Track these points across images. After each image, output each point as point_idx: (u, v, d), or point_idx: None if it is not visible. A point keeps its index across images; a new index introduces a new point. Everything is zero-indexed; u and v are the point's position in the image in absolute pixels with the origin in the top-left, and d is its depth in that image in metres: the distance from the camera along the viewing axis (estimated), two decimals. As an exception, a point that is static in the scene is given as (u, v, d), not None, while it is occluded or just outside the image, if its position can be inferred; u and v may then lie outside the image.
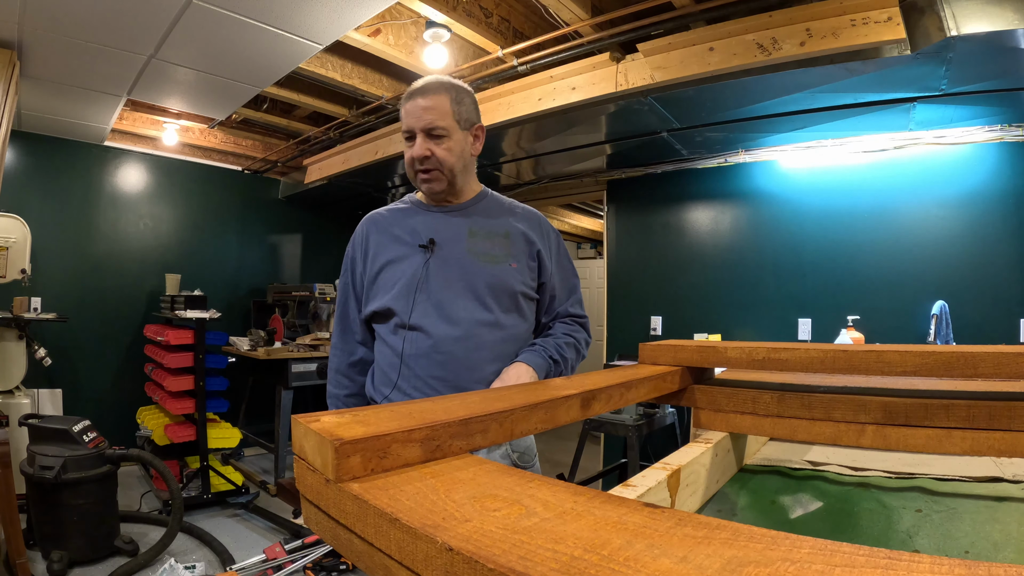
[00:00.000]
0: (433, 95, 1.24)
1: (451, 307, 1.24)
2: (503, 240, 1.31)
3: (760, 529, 0.35)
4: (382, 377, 1.28)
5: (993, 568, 0.29)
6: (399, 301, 1.25)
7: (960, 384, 0.90)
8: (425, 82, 1.26)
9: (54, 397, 3.89)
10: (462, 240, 1.28)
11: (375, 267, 1.30)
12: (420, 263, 1.26)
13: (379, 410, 0.58)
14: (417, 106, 1.24)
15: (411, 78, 3.49)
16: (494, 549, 0.32)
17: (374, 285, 1.30)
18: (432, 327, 1.23)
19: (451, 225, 1.30)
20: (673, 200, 3.95)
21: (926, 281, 2.99)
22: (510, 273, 1.28)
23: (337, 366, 1.38)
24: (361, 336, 1.36)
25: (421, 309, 1.24)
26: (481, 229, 1.31)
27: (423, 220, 1.31)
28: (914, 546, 0.74)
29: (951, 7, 1.99)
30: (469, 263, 1.27)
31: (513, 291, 1.28)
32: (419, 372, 1.23)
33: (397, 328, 1.26)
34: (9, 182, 3.58)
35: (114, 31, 2.58)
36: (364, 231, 1.35)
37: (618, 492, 0.69)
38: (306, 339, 4.35)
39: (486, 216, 1.33)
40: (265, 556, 2.61)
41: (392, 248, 1.30)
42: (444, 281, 1.25)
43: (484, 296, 1.26)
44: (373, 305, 1.29)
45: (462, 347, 1.22)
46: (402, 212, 1.35)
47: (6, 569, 2.35)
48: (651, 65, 2.59)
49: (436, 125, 1.23)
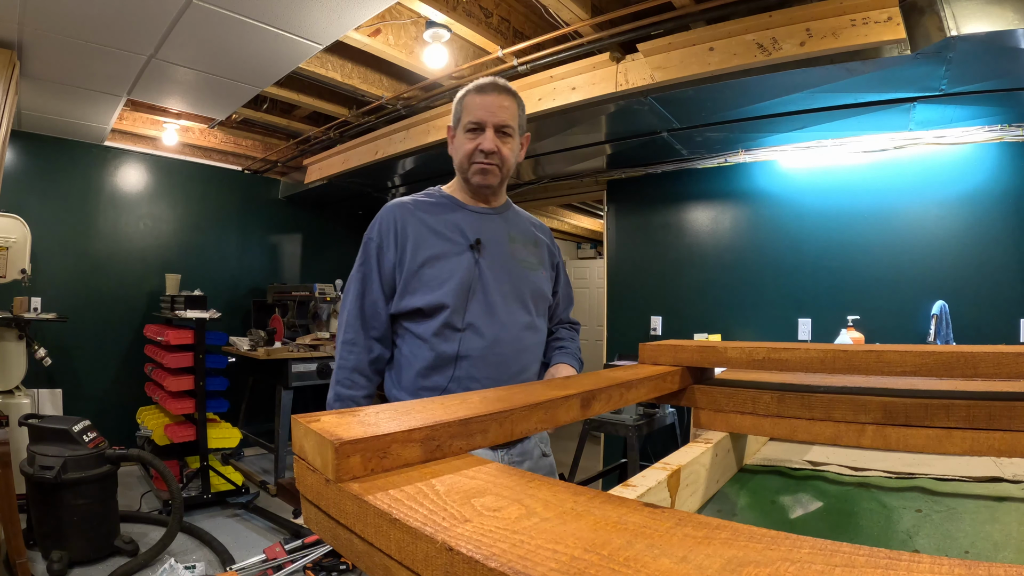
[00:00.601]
0: (507, 96, 1.28)
1: (501, 309, 1.26)
2: (535, 248, 1.37)
3: (760, 529, 0.35)
4: (420, 380, 1.24)
5: (993, 568, 0.29)
6: (453, 298, 1.22)
7: (960, 384, 0.90)
8: (497, 81, 1.29)
9: (54, 397, 3.90)
10: (504, 244, 1.31)
11: (418, 260, 1.25)
12: (470, 262, 1.25)
13: (379, 410, 0.58)
14: (492, 101, 1.26)
15: (411, 78, 3.50)
16: (494, 549, 0.32)
17: (416, 278, 1.24)
18: (486, 328, 1.23)
19: (494, 227, 1.32)
20: (673, 200, 3.95)
21: (926, 281, 2.99)
22: (543, 280, 1.36)
23: (355, 364, 1.26)
24: (382, 331, 1.28)
25: (476, 309, 1.23)
26: (518, 235, 1.35)
27: (465, 218, 1.30)
28: (914, 546, 0.74)
29: (951, 7, 1.99)
30: (514, 267, 1.30)
31: (546, 297, 1.36)
32: (474, 373, 1.22)
33: (446, 327, 1.22)
34: (9, 182, 3.58)
35: (114, 31, 2.58)
36: (396, 219, 1.28)
37: (618, 492, 0.69)
38: (306, 339, 4.35)
39: (518, 224, 1.39)
40: (265, 556, 2.61)
41: (434, 242, 1.26)
42: (495, 283, 1.27)
43: (527, 300, 1.30)
44: (416, 300, 1.24)
45: (512, 349, 1.26)
46: (437, 206, 1.31)
47: (6, 569, 2.35)
48: (651, 65, 2.59)
49: (507, 124, 1.27)
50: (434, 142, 3.56)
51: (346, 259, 5.73)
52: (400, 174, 4.45)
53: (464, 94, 1.30)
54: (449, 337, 1.22)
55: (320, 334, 4.49)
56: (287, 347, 4.15)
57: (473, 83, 1.30)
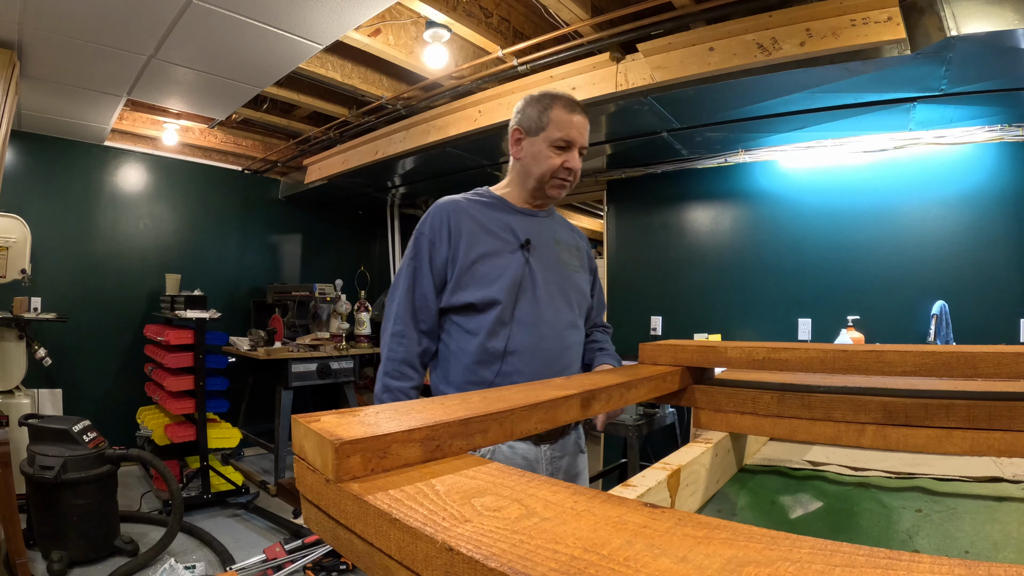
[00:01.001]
0: (584, 115, 1.34)
1: (548, 307, 1.31)
2: (577, 252, 1.44)
3: (760, 529, 0.35)
4: (466, 372, 1.27)
5: (993, 568, 0.29)
6: (505, 295, 1.26)
7: (960, 384, 0.90)
8: (576, 100, 1.35)
9: (54, 397, 3.90)
10: (551, 246, 1.37)
11: (471, 256, 1.28)
12: (522, 261, 1.30)
13: (379, 410, 0.58)
14: (580, 122, 1.32)
15: (411, 78, 3.50)
16: (494, 549, 0.32)
17: (468, 273, 1.28)
18: (534, 325, 1.28)
19: (542, 230, 1.38)
20: (673, 200, 3.95)
21: (926, 281, 2.99)
22: (585, 282, 1.43)
23: (404, 356, 1.28)
24: (431, 325, 1.31)
25: (524, 306, 1.28)
26: (563, 239, 1.42)
27: (515, 219, 1.35)
28: (914, 546, 0.74)
29: (951, 7, 1.99)
30: (561, 268, 1.37)
31: (587, 298, 1.43)
32: (520, 368, 1.26)
33: (496, 323, 1.25)
34: (9, 182, 3.57)
35: (114, 31, 2.58)
36: (450, 216, 1.31)
37: (618, 492, 0.69)
38: (306, 339, 4.35)
39: (561, 228, 1.45)
40: (265, 556, 2.61)
41: (487, 240, 1.30)
42: (544, 282, 1.32)
43: (572, 300, 1.37)
44: (469, 295, 1.27)
45: (557, 346, 1.31)
46: (489, 206, 1.36)
47: (6, 569, 2.35)
48: (651, 65, 2.59)
49: (585, 145, 1.35)
50: (434, 142, 3.56)
51: (346, 259, 5.74)
52: (400, 174, 4.45)
53: (549, 106, 1.32)
54: (498, 332, 1.26)
55: (320, 334, 4.49)
56: (287, 347, 4.15)
57: (554, 95, 1.34)
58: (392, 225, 5.77)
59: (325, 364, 4.10)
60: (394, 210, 5.74)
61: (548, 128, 1.31)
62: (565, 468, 1.35)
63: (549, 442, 1.30)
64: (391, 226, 5.77)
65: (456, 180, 4.56)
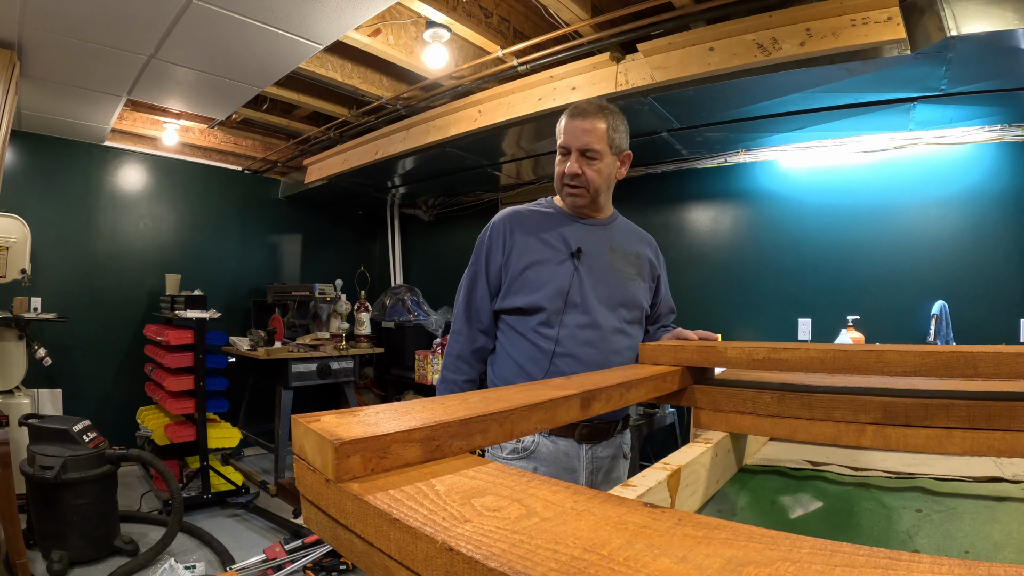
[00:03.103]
0: (593, 119, 1.34)
1: (596, 313, 1.35)
2: (635, 260, 1.46)
3: (760, 529, 0.35)
4: (517, 371, 1.36)
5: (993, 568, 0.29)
6: (551, 301, 1.33)
7: (960, 384, 0.90)
8: (588, 104, 1.37)
9: (54, 397, 3.90)
10: (605, 254, 1.41)
11: (521, 263, 1.37)
12: (571, 269, 1.36)
13: (379, 410, 0.58)
14: (576, 126, 1.34)
15: (411, 78, 3.50)
16: (494, 549, 0.32)
17: (519, 280, 1.37)
18: (580, 329, 1.34)
19: (596, 238, 1.42)
20: (673, 200, 3.95)
21: (926, 281, 2.99)
22: (639, 290, 1.45)
23: (460, 352, 1.42)
24: (486, 325, 1.42)
25: (572, 311, 1.34)
26: (619, 247, 1.44)
27: (570, 228, 1.40)
28: (914, 546, 0.74)
29: (951, 7, 1.99)
30: (611, 276, 1.40)
31: (640, 306, 1.44)
32: (565, 369, 1.31)
33: (544, 326, 1.34)
34: (9, 182, 3.57)
35: (114, 31, 2.58)
36: (506, 225, 1.40)
37: (618, 492, 0.69)
38: (306, 339, 4.34)
39: (621, 236, 1.47)
40: (265, 556, 2.61)
41: (540, 249, 1.37)
42: (592, 289, 1.36)
43: (620, 308, 1.39)
44: (517, 300, 1.36)
45: (602, 350, 1.35)
46: (545, 216, 1.43)
47: (6, 569, 2.35)
48: (651, 65, 2.59)
49: (591, 148, 1.34)
50: (434, 142, 3.56)
51: (346, 259, 5.74)
52: (400, 174, 4.45)
53: (562, 116, 1.39)
54: (546, 335, 1.34)
55: (320, 334, 4.49)
56: (287, 347, 4.15)
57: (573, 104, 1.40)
58: (392, 225, 5.77)
59: (325, 364, 4.10)
60: (394, 210, 5.74)
61: (557, 138, 1.39)
62: (606, 469, 1.39)
63: (590, 442, 1.35)
64: (391, 226, 5.77)
65: (456, 180, 4.56)
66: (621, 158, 1.42)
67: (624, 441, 1.44)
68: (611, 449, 1.39)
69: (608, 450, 1.39)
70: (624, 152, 1.42)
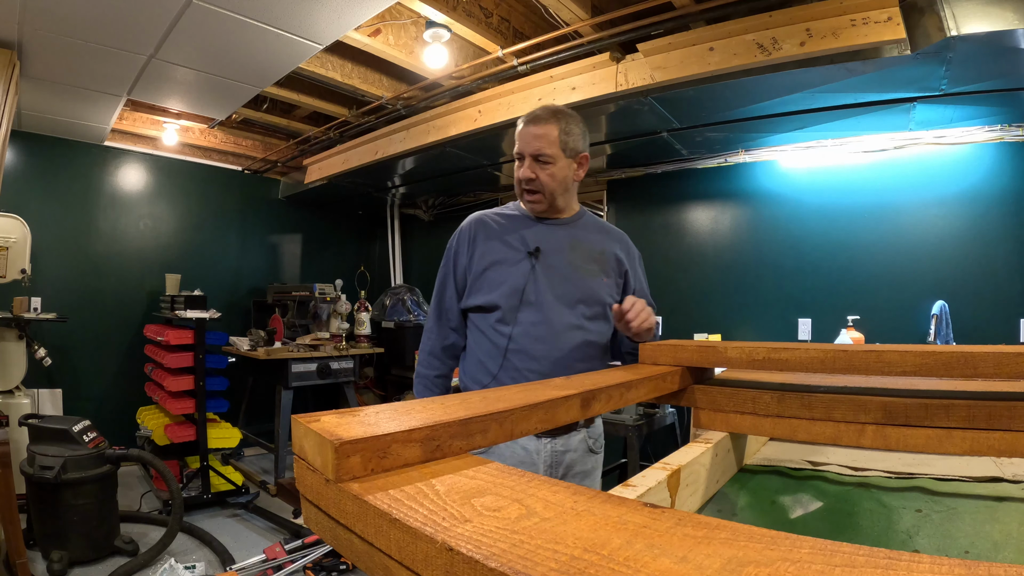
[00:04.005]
0: (544, 124, 1.39)
1: (551, 310, 1.39)
2: (599, 256, 1.47)
3: (760, 529, 0.35)
4: (478, 367, 1.42)
5: (993, 568, 0.29)
6: (506, 299, 1.39)
7: (960, 384, 0.90)
8: (541, 111, 1.41)
9: (54, 397, 3.90)
10: (564, 252, 1.44)
11: (482, 264, 1.43)
12: (528, 268, 1.41)
13: (379, 410, 0.58)
14: (528, 133, 1.40)
15: (411, 78, 3.50)
16: (494, 549, 0.32)
17: (480, 280, 1.43)
18: (535, 326, 1.38)
19: (556, 237, 1.45)
20: (673, 200, 3.95)
21: (926, 281, 2.99)
22: (602, 286, 1.45)
23: (431, 348, 1.51)
24: (455, 323, 1.49)
25: (527, 310, 1.39)
26: (581, 244, 1.47)
27: (530, 230, 1.46)
28: (914, 546, 0.74)
29: (951, 7, 1.99)
30: (570, 273, 1.43)
31: (602, 302, 1.44)
32: (518, 365, 1.37)
33: (500, 323, 1.39)
34: (9, 182, 3.57)
35: (114, 31, 2.58)
36: (472, 230, 1.48)
37: (618, 492, 0.69)
38: (306, 339, 4.34)
39: (584, 234, 1.49)
40: (265, 556, 2.61)
41: (500, 250, 1.44)
42: (547, 287, 1.40)
43: (579, 304, 1.41)
44: (478, 299, 1.43)
45: (557, 346, 1.38)
46: (509, 219, 1.49)
47: (6, 569, 2.35)
48: (651, 65, 2.59)
49: (543, 152, 1.38)
50: (434, 142, 3.56)
51: (346, 259, 5.74)
52: (400, 174, 4.45)
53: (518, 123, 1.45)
54: (502, 331, 1.39)
55: (320, 334, 4.49)
56: (287, 347, 4.15)
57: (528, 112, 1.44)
58: (392, 225, 5.77)
59: (325, 364, 4.10)
60: (394, 210, 5.74)
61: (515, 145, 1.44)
62: (567, 463, 1.39)
63: (550, 436, 1.37)
64: (391, 226, 5.77)
65: (456, 180, 4.56)
66: (577, 160, 1.45)
67: (591, 435, 1.44)
68: (573, 443, 1.39)
69: (570, 444, 1.39)
70: (580, 154, 1.44)
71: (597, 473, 1.48)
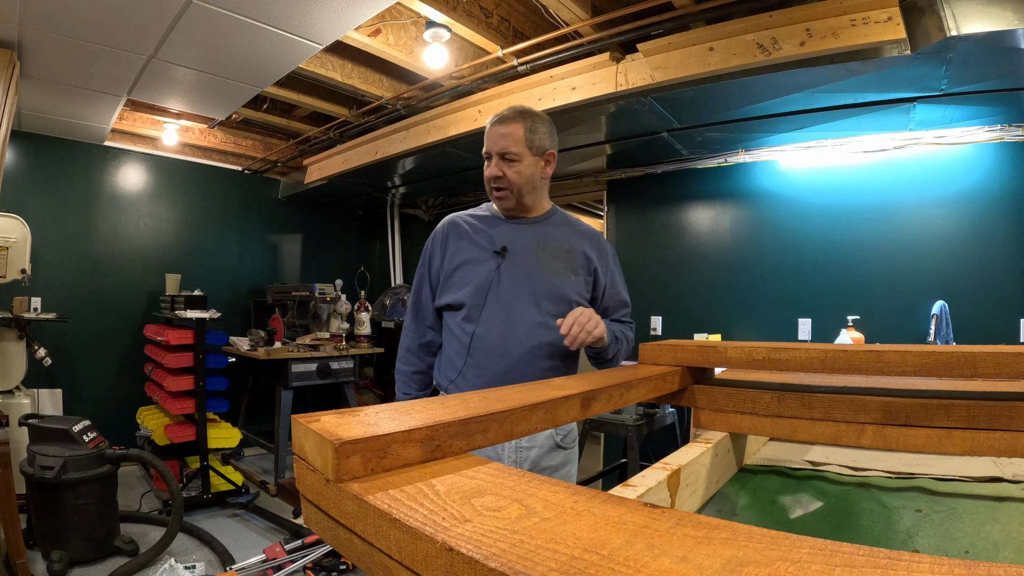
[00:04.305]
0: (510, 123, 1.42)
1: (516, 308, 1.41)
2: (566, 255, 1.48)
3: (760, 529, 0.35)
4: (448, 364, 1.46)
5: (993, 568, 0.29)
6: (472, 298, 1.42)
7: (960, 384, 0.90)
8: (508, 111, 1.45)
9: (54, 397, 3.90)
10: (532, 251, 1.46)
11: (452, 264, 1.48)
12: (494, 267, 1.44)
13: (379, 410, 0.58)
14: (495, 132, 1.43)
15: (411, 78, 3.50)
16: (494, 549, 0.32)
17: (450, 280, 1.48)
18: (497, 324, 1.40)
19: (524, 236, 1.48)
20: (673, 200, 3.95)
21: (926, 281, 2.99)
22: (569, 284, 1.46)
23: (408, 346, 1.56)
24: (431, 321, 1.54)
25: (490, 307, 1.41)
26: (549, 242, 1.48)
27: (498, 229, 1.49)
28: (914, 546, 0.74)
29: (951, 7, 1.99)
30: (536, 271, 1.44)
31: (569, 299, 1.45)
32: (482, 362, 1.40)
33: (465, 321, 1.43)
34: (9, 182, 3.57)
35: (114, 31, 2.58)
36: (445, 231, 1.53)
37: (618, 492, 0.69)
38: (306, 339, 4.34)
39: (553, 232, 1.51)
40: (265, 556, 2.61)
41: (469, 250, 1.47)
42: (513, 285, 1.42)
43: (545, 301, 1.43)
44: (447, 298, 1.47)
45: (521, 343, 1.40)
46: (480, 219, 1.53)
47: (6, 569, 2.35)
48: (651, 65, 2.59)
49: (509, 150, 1.41)
50: (434, 142, 3.56)
51: (346, 259, 5.74)
52: (400, 174, 4.45)
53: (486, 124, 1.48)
54: (467, 329, 1.42)
55: (320, 334, 4.49)
56: (287, 347, 4.15)
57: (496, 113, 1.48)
58: (392, 225, 5.77)
59: (325, 364, 4.10)
60: (394, 210, 5.74)
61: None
62: (533, 460, 1.40)
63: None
64: (391, 226, 5.77)
65: (456, 180, 4.56)
66: (545, 158, 1.47)
67: (558, 431, 1.43)
68: (539, 439, 1.40)
69: (535, 440, 1.39)
70: (547, 152, 1.46)
71: (568, 469, 1.47)
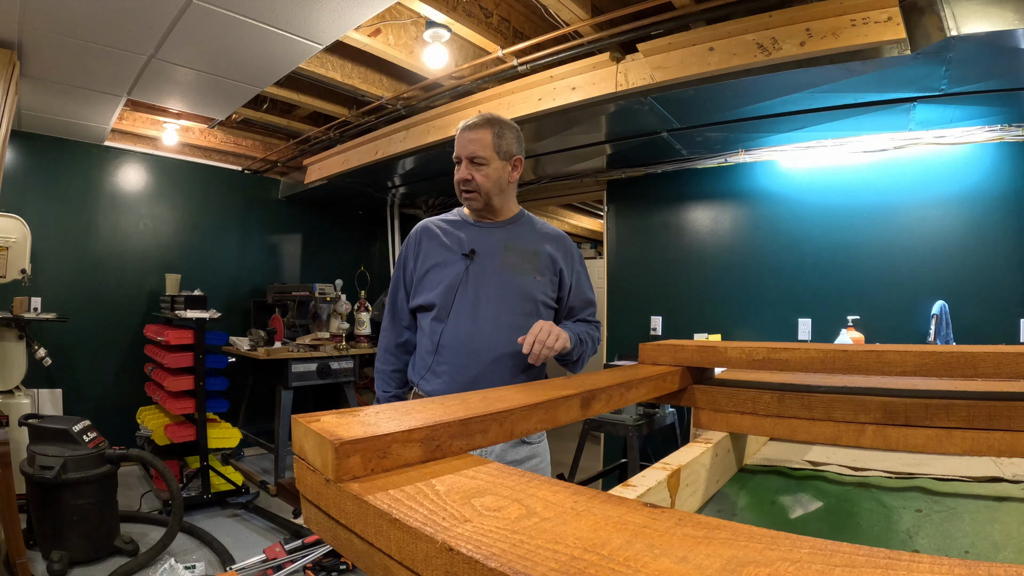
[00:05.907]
0: (478, 129, 1.49)
1: (482, 308, 1.46)
2: (532, 256, 1.53)
3: (760, 529, 0.35)
4: (420, 361, 1.52)
5: (993, 568, 0.29)
6: (441, 298, 1.48)
7: (960, 384, 0.90)
8: (477, 118, 1.52)
9: (54, 397, 3.90)
10: (499, 253, 1.51)
11: (424, 267, 1.53)
12: (462, 269, 1.49)
13: (379, 410, 0.58)
14: (464, 137, 1.50)
15: (411, 78, 3.50)
16: (494, 549, 0.32)
17: (422, 282, 1.54)
18: (465, 323, 1.45)
19: (491, 239, 1.53)
20: (673, 200, 3.95)
21: (926, 281, 2.99)
22: (535, 284, 1.51)
23: (386, 346, 1.62)
24: (407, 322, 1.60)
25: (458, 307, 1.47)
26: (516, 245, 1.53)
27: (469, 232, 1.55)
28: (914, 546, 0.74)
29: (951, 7, 1.99)
30: (503, 273, 1.49)
31: (535, 299, 1.51)
32: (451, 360, 1.45)
33: (435, 321, 1.48)
34: (9, 182, 3.57)
35: (114, 31, 2.58)
36: (418, 236, 1.59)
37: (618, 492, 0.69)
38: (306, 339, 4.34)
39: (520, 235, 1.56)
40: (265, 556, 2.61)
41: (440, 253, 1.53)
42: (480, 286, 1.48)
43: (511, 301, 1.48)
44: (420, 299, 1.53)
45: (488, 342, 1.44)
46: (451, 224, 1.58)
47: (6, 569, 2.35)
48: (651, 65, 2.59)
49: (477, 155, 1.48)
50: (434, 142, 3.56)
51: (346, 259, 5.74)
52: (400, 174, 4.44)
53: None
54: (436, 328, 1.48)
55: (320, 334, 4.49)
56: (287, 347, 4.15)
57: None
58: (392, 225, 5.77)
59: (325, 364, 4.10)
60: (394, 210, 5.74)
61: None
62: (498, 454, 1.42)
63: None
64: (391, 226, 5.77)
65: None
66: (512, 162, 1.53)
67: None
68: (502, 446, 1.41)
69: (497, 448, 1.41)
70: (515, 157, 1.53)
71: (534, 463, 1.48)
